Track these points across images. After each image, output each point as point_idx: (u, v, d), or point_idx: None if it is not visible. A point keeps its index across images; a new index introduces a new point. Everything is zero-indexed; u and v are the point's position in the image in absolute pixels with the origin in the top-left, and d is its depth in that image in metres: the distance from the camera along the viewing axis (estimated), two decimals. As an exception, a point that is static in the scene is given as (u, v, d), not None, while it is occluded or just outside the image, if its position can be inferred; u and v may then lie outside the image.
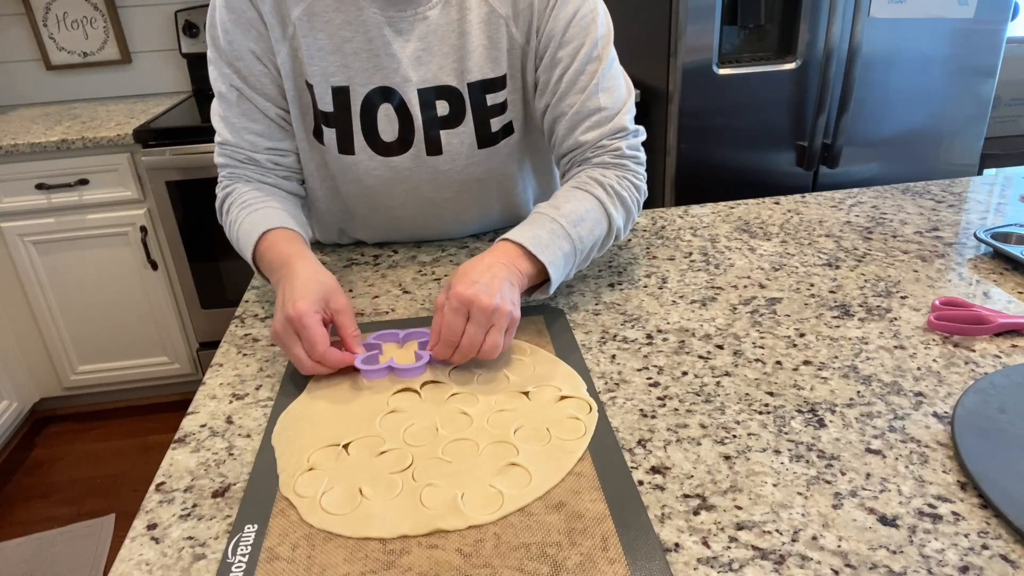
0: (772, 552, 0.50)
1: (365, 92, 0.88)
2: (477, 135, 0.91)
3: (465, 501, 0.55)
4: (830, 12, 1.85)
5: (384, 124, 0.90)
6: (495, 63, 0.88)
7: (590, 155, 0.89)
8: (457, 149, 0.92)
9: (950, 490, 0.55)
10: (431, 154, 0.92)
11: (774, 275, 0.90)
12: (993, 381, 0.65)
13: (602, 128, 0.88)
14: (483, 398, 0.67)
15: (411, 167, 0.93)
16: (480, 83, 0.89)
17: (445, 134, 0.91)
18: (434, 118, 0.90)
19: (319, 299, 0.72)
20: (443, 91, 0.89)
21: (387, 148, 0.91)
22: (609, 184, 0.86)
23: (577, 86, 0.87)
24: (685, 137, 1.98)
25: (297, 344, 0.70)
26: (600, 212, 0.84)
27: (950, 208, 1.09)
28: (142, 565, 0.52)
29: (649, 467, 0.59)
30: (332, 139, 0.90)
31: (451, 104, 0.89)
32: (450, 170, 0.93)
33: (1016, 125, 2.41)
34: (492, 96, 0.90)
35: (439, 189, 0.96)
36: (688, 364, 0.72)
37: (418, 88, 0.88)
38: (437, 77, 0.88)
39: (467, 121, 0.91)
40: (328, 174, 0.96)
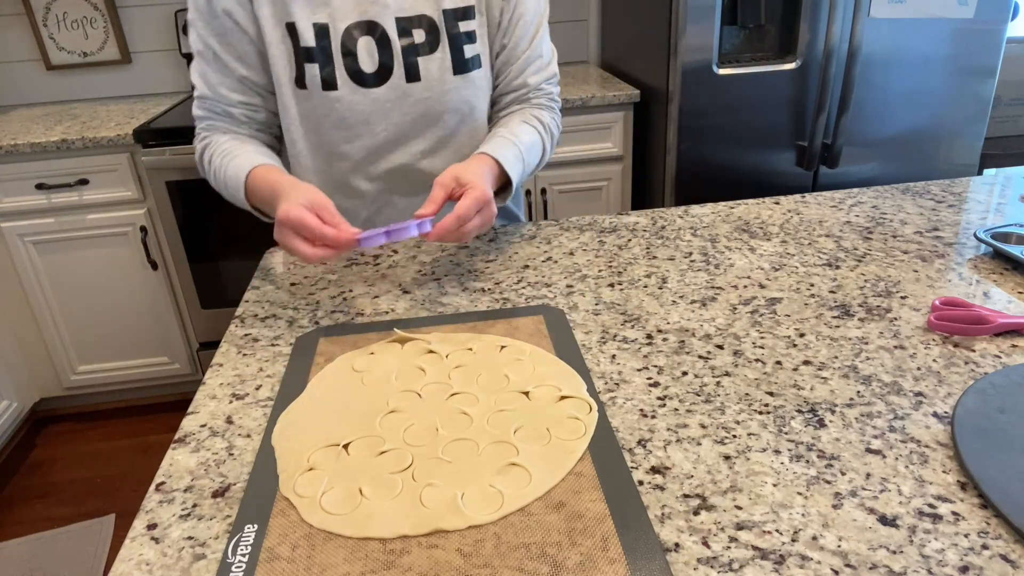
0: (772, 552, 0.50)
1: (345, 26, 0.95)
2: (452, 60, 0.99)
3: (465, 501, 0.55)
4: (830, 12, 1.85)
5: (364, 56, 0.96)
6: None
7: (531, 96, 1.09)
8: (435, 75, 0.99)
9: (950, 490, 0.55)
10: (410, 81, 0.98)
11: (774, 275, 0.90)
12: (993, 381, 0.65)
13: (542, 72, 1.09)
14: (483, 398, 0.67)
15: (392, 98, 0.99)
16: (453, 11, 0.99)
17: (422, 60, 0.98)
18: (412, 45, 0.98)
19: (304, 201, 0.80)
20: (419, 20, 0.97)
21: (368, 79, 0.97)
22: (546, 122, 1.09)
23: (528, 33, 1.04)
24: (685, 137, 1.98)
25: (296, 238, 0.78)
26: (540, 144, 1.06)
27: (950, 208, 1.09)
28: (142, 565, 0.52)
29: (649, 467, 0.59)
30: (315, 76, 0.96)
31: (427, 32, 0.98)
32: (429, 98, 1.00)
33: (1016, 125, 2.41)
34: (464, 24, 1.00)
35: (420, 123, 1.02)
36: (688, 364, 0.72)
37: (396, 16, 0.96)
38: (413, 7, 0.97)
39: (442, 47, 0.99)
40: (312, 126, 1.00)
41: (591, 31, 2.63)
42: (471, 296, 0.89)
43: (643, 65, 2.17)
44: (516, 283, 0.91)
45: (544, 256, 0.99)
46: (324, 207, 0.81)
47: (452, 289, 0.91)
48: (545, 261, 0.97)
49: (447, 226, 0.82)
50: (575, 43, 2.64)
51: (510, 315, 0.83)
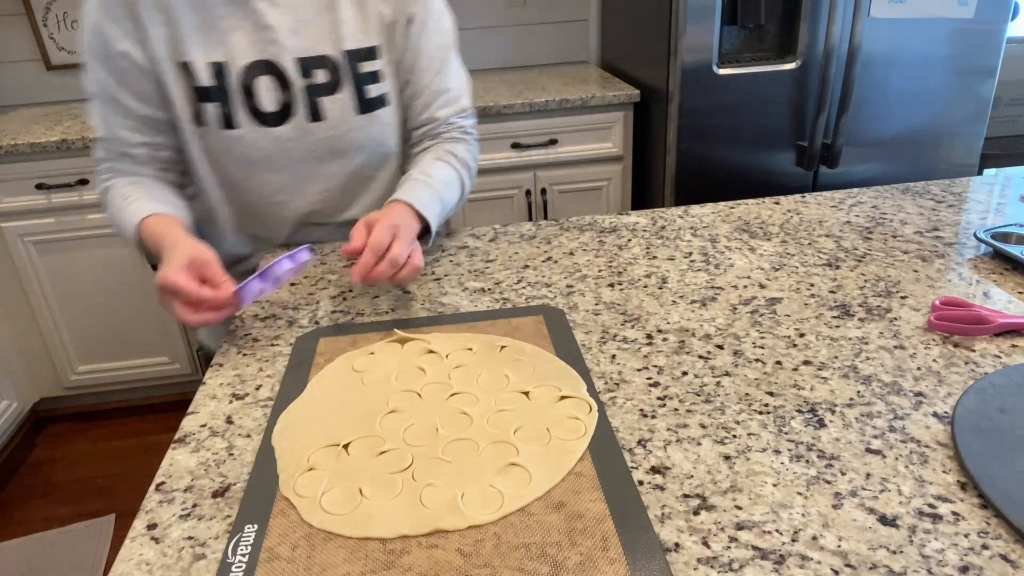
0: (772, 552, 0.50)
1: (243, 65, 0.93)
2: (356, 100, 0.98)
3: (465, 501, 0.55)
4: (830, 12, 1.85)
5: (265, 94, 0.94)
6: (366, 33, 0.97)
7: (442, 131, 1.06)
8: (338, 115, 0.98)
9: (950, 490, 0.55)
10: (313, 120, 0.97)
11: (774, 275, 0.90)
12: (993, 381, 0.65)
13: (451, 107, 1.05)
14: (483, 398, 0.67)
15: (295, 136, 0.97)
16: (355, 52, 0.97)
17: (325, 100, 0.97)
18: (314, 85, 0.96)
19: (183, 263, 0.78)
20: (321, 60, 0.96)
21: (270, 118, 0.95)
22: (462, 157, 1.05)
23: (432, 68, 1.02)
24: (685, 137, 1.98)
25: (177, 304, 0.77)
26: (457, 180, 1.03)
27: (950, 208, 1.09)
28: (142, 565, 0.52)
29: (649, 467, 0.59)
30: (214, 115, 0.93)
31: (329, 72, 0.96)
32: (332, 136, 0.99)
33: (1016, 125, 2.41)
34: (367, 64, 0.98)
35: (324, 160, 1.00)
36: (688, 364, 0.72)
37: (296, 57, 0.94)
38: (313, 47, 0.95)
39: (345, 87, 0.97)
40: (215, 161, 0.98)
41: (591, 31, 2.63)
42: (471, 296, 0.89)
43: (643, 65, 2.17)
44: (516, 283, 0.91)
45: (544, 256, 0.99)
46: (205, 264, 0.79)
47: (452, 289, 0.91)
48: (545, 261, 0.97)
49: (365, 261, 0.79)
50: (575, 43, 2.64)
51: (510, 315, 0.83)
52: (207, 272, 0.79)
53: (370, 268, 0.79)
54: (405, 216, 0.88)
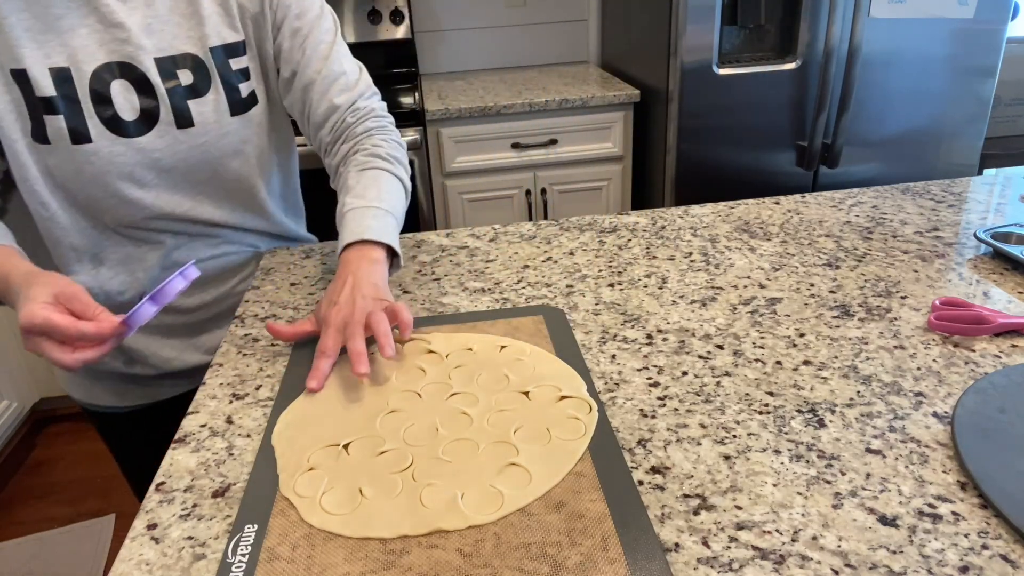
0: (772, 552, 0.50)
1: (92, 69, 0.81)
2: (228, 101, 0.89)
3: (465, 501, 0.55)
4: (830, 12, 1.85)
5: (121, 100, 0.83)
6: (232, 27, 0.88)
7: (351, 120, 0.95)
8: (210, 119, 0.88)
9: (950, 490, 0.55)
10: (181, 127, 0.86)
11: (774, 275, 0.90)
12: (993, 381, 0.65)
13: (352, 91, 0.95)
14: (483, 398, 0.67)
15: (161, 147, 0.86)
16: (222, 48, 0.88)
17: (194, 104, 0.86)
18: (179, 88, 0.85)
19: (46, 298, 0.67)
20: (184, 59, 0.86)
21: (129, 128, 0.84)
22: (387, 153, 0.94)
23: (319, 52, 0.92)
24: (685, 137, 1.98)
25: (49, 344, 0.67)
26: (394, 181, 0.93)
27: (950, 208, 1.09)
28: (142, 565, 0.52)
29: (649, 467, 0.59)
30: (61, 129, 0.80)
31: (195, 73, 0.86)
32: (205, 143, 0.88)
33: (1016, 125, 2.41)
34: (236, 61, 0.89)
35: (196, 170, 0.89)
36: (688, 364, 0.72)
37: (155, 57, 0.84)
38: (174, 45, 0.85)
39: (215, 88, 0.88)
40: (62, 183, 0.84)
41: (591, 31, 2.63)
42: (471, 296, 0.89)
43: (643, 65, 2.17)
44: (516, 283, 0.91)
45: (544, 256, 0.99)
46: (74, 296, 0.69)
47: (452, 289, 0.91)
48: (545, 261, 0.97)
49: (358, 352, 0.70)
50: (575, 43, 2.64)
51: (510, 315, 0.83)
52: (77, 307, 0.68)
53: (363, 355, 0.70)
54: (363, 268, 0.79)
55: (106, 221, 0.88)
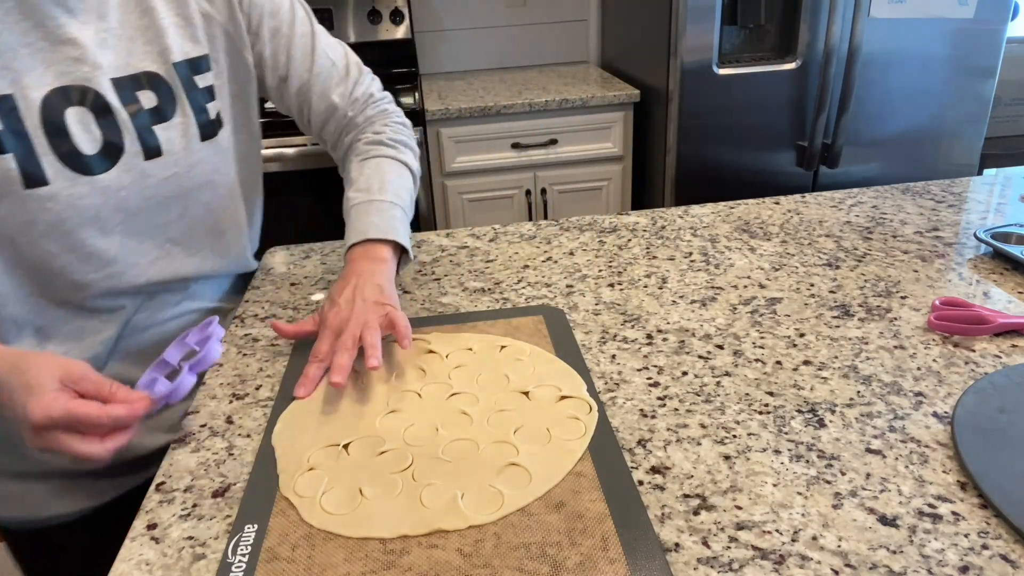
0: (772, 552, 0.50)
1: (41, 96, 0.67)
2: (197, 124, 0.78)
3: (465, 501, 0.55)
4: (830, 12, 1.85)
5: (80, 131, 0.69)
6: (194, 40, 0.78)
7: (352, 114, 0.91)
8: (178, 146, 0.76)
9: (950, 490, 0.55)
10: (149, 157, 0.74)
11: (774, 275, 0.90)
12: (993, 381, 0.65)
13: (346, 82, 0.90)
14: (483, 398, 0.67)
15: (128, 183, 0.73)
16: (186, 63, 0.77)
17: (160, 130, 0.75)
18: (142, 112, 0.73)
19: (53, 385, 0.57)
20: (144, 79, 0.74)
21: (91, 164, 0.70)
22: (389, 138, 0.90)
23: (305, 49, 0.86)
24: (685, 137, 1.98)
25: (72, 439, 0.57)
26: (398, 167, 0.89)
27: (950, 208, 1.09)
28: (142, 565, 0.52)
29: (649, 467, 0.59)
30: (10, 171, 0.66)
31: (159, 93, 0.75)
32: (175, 175, 0.76)
33: (1016, 125, 2.41)
34: (201, 78, 0.78)
35: (166, 207, 0.77)
36: (688, 364, 0.72)
37: (113, 78, 0.71)
38: (132, 63, 0.73)
39: (182, 110, 0.77)
40: (5, 238, 0.69)
41: (591, 31, 2.63)
42: (471, 296, 0.89)
43: (643, 65, 2.17)
44: (516, 283, 0.91)
45: (544, 256, 0.99)
46: (82, 377, 0.59)
47: (452, 289, 0.91)
48: (545, 261, 0.97)
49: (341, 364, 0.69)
50: (575, 43, 2.64)
51: (510, 315, 0.83)
52: (88, 388, 0.59)
53: (344, 368, 0.68)
54: (367, 268, 0.77)
55: (57, 285, 0.72)
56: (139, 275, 0.77)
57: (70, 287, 0.73)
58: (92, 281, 0.74)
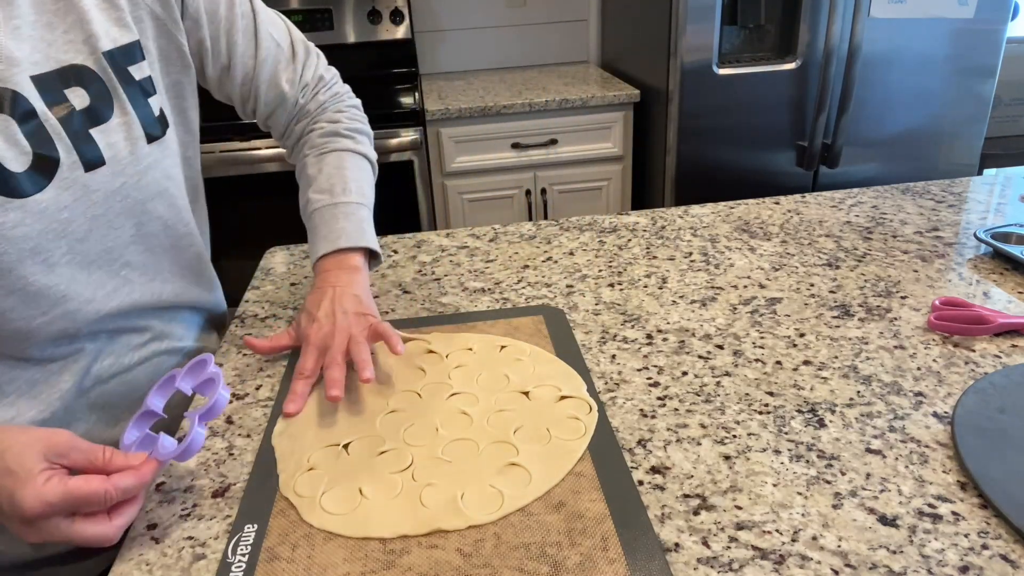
0: (772, 552, 0.50)
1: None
2: (142, 123, 0.67)
3: (465, 501, 0.55)
4: (830, 12, 1.85)
5: (2, 145, 0.58)
6: (123, 25, 0.66)
7: (302, 102, 0.86)
8: (123, 150, 0.65)
9: (950, 490, 0.55)
10: (90, 169, 0.63)
11: (774, 275, 0.90)
12: (993, 381, 0.65)
13: (293, 65, 0.84)
14: (483, 398, 0.67)
15: (69, 202, 0.61)
16: (119, 51, 0.65)
17: (98, 134, 0.64)
18: (74, 114, 0.62)
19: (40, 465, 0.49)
20: (71, 74, 0.62)
21: (22, 184, 0.58)
22: (346, 128, 0.86)
23: (247, 33, 0.78)
24: (685, 137, 1.98)
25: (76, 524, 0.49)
26: (358, 160, 0.85)
27: (950, 208, 1.09)
28: (142, 565, 0.52)
29: (649, 467, 0.59)
30: None
31: (90, 90, 0.63)
32: (123, 186, 0.65)
33: (1016, 125, 2.41)
34: (136, 69, 0.67)
35: (115, 227, 0.66)
36: (688, 364, 0.72)
37: (33, 75, 0.60)
38: (53, 56, 0.61)
39: (122, 108, 0.66)
40: None
41: (591, 31, 2.63)
42: (471, 296, 0.89)
43: (643, 65, 2.17)
44: (516, 283, 0.91)
45: (544, 256, 0.99)
46: (70, 448, 0.51)
47: (452, 289, 0.91)
48: (545, 261, 0.97)
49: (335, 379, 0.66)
50: (575, 43, 2.64)
51: (510, 315, 0.83)
52: (77, 459, 0.51)
53: (340, 381, 0.66)
54: (342, 278, 0.75)
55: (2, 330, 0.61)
56: (96, 311, 0.66)
57: (13, 336, 0.61)
58: (40, 326, 0.62)
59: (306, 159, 0.85)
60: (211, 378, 0.59)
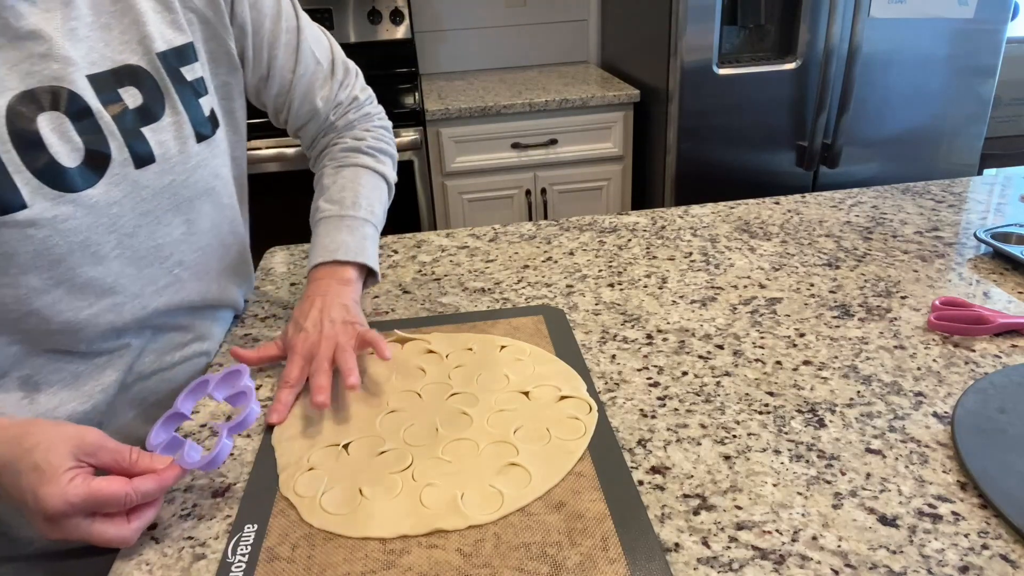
0: (772, 552, 0.50)
1: (6, 103, 0.57)
2: (192, 122, 0.69)
3: (465, 501, 0.55)
4: (830, 12, 1.85)
5: (56, 141, 0.59)
6: (177, 27, 0.69)
7: (333, 118, 0.86)
8: (173, 149, 0.67)
9: (950, 490, 0.55)
10: (141, 166, 0.64)
11: (774, 275, 0.90)
12: (993, 381, 0.65)
13: (331, 83, 0.85)
14: (483, 398, 0.67)
15: (119, 198, 0.63)
16: (172, 52, 0.68)
17: (150, 132, 0.65)
18: (127, 113, 0.64)
19: (67, 462, 0.50)
20: (126, 74, 0.64)
21: (74, 179, 0.60)
22: (368, 146, 0.86)
23: (289, 47, 0.80)
24: (685, 137, 1.98)
25: (96, 524, 0.50)
26: (374, 178, 0.85)
27: (950, 208, 1.09)
28: (142, 565, 0.52)
29: (649, 467, 0.59)
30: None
31: (143, 90, 0.65)
32: (172, 183, 0.67)
33: (1016, 125, 2.41)
34: (188, 70, 0.69)
35: (163, 221, 0.68)
36: (688, 364, 0.72)
37: (89, 74, 0.62)
38: (109, 56, 0.63)
39: (172, 107, 0.67)
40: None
41: (591, 31, 2.63)
42: (471, 296, 0.89)
43: (643, 65, 2.17)
44: (516, 283, 0.91)
45: (544, 256, 0.99)
46: (99, 447, 0.52)
47: (452, 289, 0.91)
48: (545, 261, 0.97)
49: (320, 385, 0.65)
50: (575, 43, 2.64)
51: (510, 315, 0.83)
52: (105, 458, 0.52)
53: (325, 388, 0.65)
54: (332, 288, 0.74)
55: (45, 327, 0.62)
56: (142, 306, 0.68)
57: (64, 328, 0.63)
58: (87, 318, 0.64)
59: (324, 169, 0.86)
60: (244, 391, 0.61)
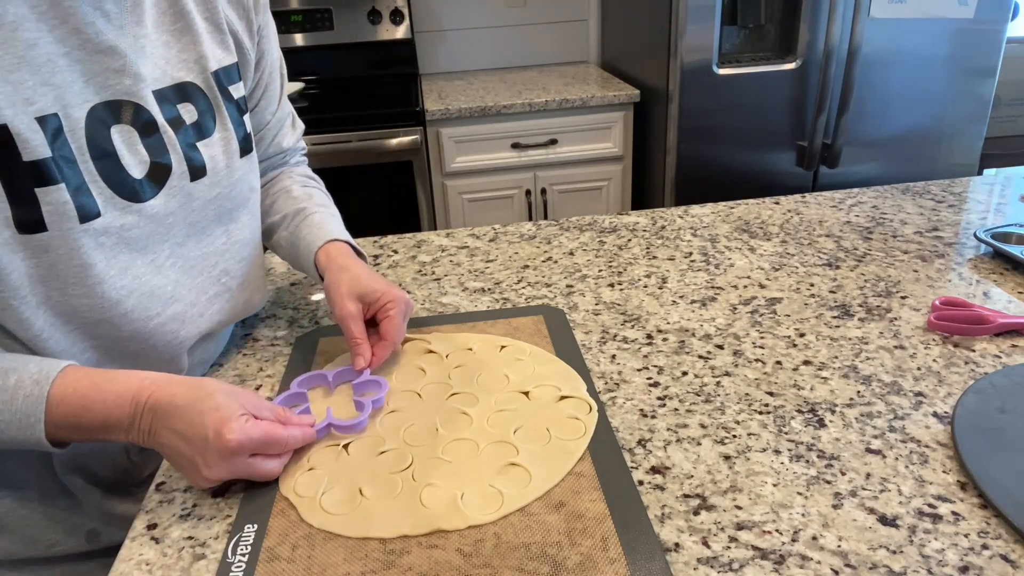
0: (772, 552, 0.50)
1: (84, 114, 0.59)
2: (238, 139, 0.73)
3: (465, 501, 0.55)
4: (830, 12, 1.85)
5: (127, 153, 0.62)
6: (225, 47, 0.72)
7: (289, 160, 0.91)
8: (221, 164, 0.71)
9: (950, 490, 0.55)
10: (195, 178, 0.68)
11: (774, 275, 0.90)
12: (993, 381, 0.65)
13: (295, 133, 0.90)
14: (483, 398, 0.67)
15: (175, 208, 0.66)
16: (223, 71, 0.71)
17: (203, 146, 0.69)
18: (185, 127, 0.67)
19: (239, 410, 0.56)
20: (183, 90, 0.67)
21: (140, 190, 0.63)
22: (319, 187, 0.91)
23: (277, 93, 0.85)
24: (685, 137, 1.98)
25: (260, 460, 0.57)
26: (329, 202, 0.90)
27: (950, 208, 1.09)
28: (142, 565, 0.52)
29: (649, 467, 0.59)
30: (64, 205, 0.57)
31: (198, 106, 0.69)
32: (217, 195, 0.71)
33: (1016, 125, 2.41)
34: (235, 88, 0.73)
35: (209, 232, 0.71)
36: (688, 364, 0.72)
37: (154, 90, 0.65)
38: (171, 74, 0.66)
39: (222, 124, 0.71)
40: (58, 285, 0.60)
41: (591, 31, 2.63)
42: (471, 296, 0.89)
43: (643, 65, 2.17)
44: (516, 283, 0.91)
45: (544, 256, 0.99)
46: (260, 404, 0.60)
47: (452, 289, 0.91)
48: (545, 261, 0.97)
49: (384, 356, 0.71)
50: (575, 43, 2.64)
51: (510, 315, 0.83)
52: (266, 413, 0.59)
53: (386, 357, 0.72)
54: (360, 264, 0.77)
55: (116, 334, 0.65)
56: (200, 313, 0.71)
57: (131, 337, 0.65)
58: (155, 327, 0.66)
59: (291, 185, 0.88)
60: (377, 380, 0.70)
